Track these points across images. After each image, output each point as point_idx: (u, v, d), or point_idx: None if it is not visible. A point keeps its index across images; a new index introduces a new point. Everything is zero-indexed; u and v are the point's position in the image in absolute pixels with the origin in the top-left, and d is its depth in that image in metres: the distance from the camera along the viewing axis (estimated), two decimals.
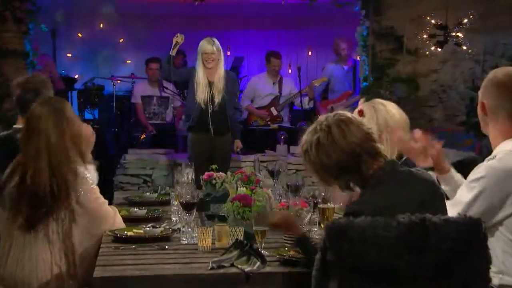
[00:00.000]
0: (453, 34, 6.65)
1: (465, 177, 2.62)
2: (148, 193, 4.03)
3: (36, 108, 2.90)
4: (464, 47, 6.76)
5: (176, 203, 3.25)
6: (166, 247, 2.77)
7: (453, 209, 2.38)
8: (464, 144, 6.83)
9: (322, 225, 2.97)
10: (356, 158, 2.21)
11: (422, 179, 2.25)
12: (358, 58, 7.61)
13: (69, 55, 9.83)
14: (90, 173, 2.93)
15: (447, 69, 7.23)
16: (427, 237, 1.95)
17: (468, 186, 2.41)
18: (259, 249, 2.53)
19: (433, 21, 6.75)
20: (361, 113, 3.07)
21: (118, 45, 9.99)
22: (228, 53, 9.95)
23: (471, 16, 6.65)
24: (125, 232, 2.90)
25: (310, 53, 10.33)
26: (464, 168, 2.70)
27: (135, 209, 3.45)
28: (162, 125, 7.68)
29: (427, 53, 6.95)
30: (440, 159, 2.69)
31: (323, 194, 3.05)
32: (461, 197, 2.42)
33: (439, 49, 6.76)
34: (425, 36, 6.78)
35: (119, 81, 8.66)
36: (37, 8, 6.95)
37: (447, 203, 2.36)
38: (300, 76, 7.43)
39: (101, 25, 9.91)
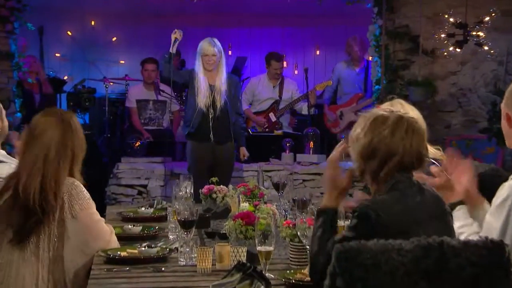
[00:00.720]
0: (473, 33, 6.63)
1: (486, 193, 2.61)
2: (143, 208, 4.04)
3: (40, 118, 2.95)
4: (486, 47, 6.75)
5: (173, 219, 3.26)
6: (163, 269, 2.77)
7: None
8: (486, 153, 6.82)
9: None
10: (387, 159, 2.30)
11: (431, 193, 2.37)
12: (370, 59, 7.61)
13: (57, 55, 9.87)
14: None
15: (467, 71, 7.23)
16: (446, 262, 1.95)
17: (496, 211, 2.38)
18: (263, 272, 2.53)
19: (451, 19, 6.75)
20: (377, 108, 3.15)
21: (111, 44, 10.04)
22: (230, 52, 10.00)
23: (493, 14, 6.64)
24: (118, 253, 2.91)
25: (318, 52, 10.35)
26: (486, 183, 2.68)
27: (129, 226, 3.46)
28: (158, 131, 7.68)
29: (445, 54, 6.94)
30: (471, 192, 2.64)
31: None
32: (491, 224, 2.38)
33: (458, 50, 6.75)
34: (442, 35, 6.77)
35: (111, 83, 8.68)
36: (22, 5, 6.96)
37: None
38: (307, 78, 7.42)
39: (93, 23, 9.96)
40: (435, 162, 3.04)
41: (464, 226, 2.54)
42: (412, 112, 3.14)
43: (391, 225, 2.18)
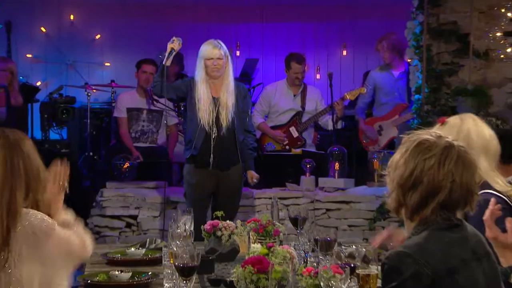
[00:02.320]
0: None
1: None
2: (133, 249, 4.07)
3: None
4: None
5: (170, 263, 3.29)
6: None
7: None
8: None
9: None
10: (430, 194, 2.33)
11: (474, 232, 2.43)
12: (409, 61, 7.62)
13: (28, 56, 9.95)
14: None
15: None
16: None
17: None
18: None
19: (509, 14, 6.76)
20: (442, 121, 3.25)
21: (94, 43, 10.10)
22: (238, 53, 10.06)
23: None
24: None
25: (345, 53, 10.37)
26: None
27: (116, 272, 3.48)
28: (151, 149, 7.73)
29: (502, 56, 6.95)
30: None
31: (364, 251, 3.06)
32: None
33: None
34: (498, 34, 6.79)
35: (94, 91, 8.73)
36: None
37: None
38: (332, 85, 7.43)
39: (71, 17, 10.03)
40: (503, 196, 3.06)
41: None
42: (486, 131, 3.22)
43: (435, 270, 2.23)
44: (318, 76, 10.11)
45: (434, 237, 2.31)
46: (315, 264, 3.52)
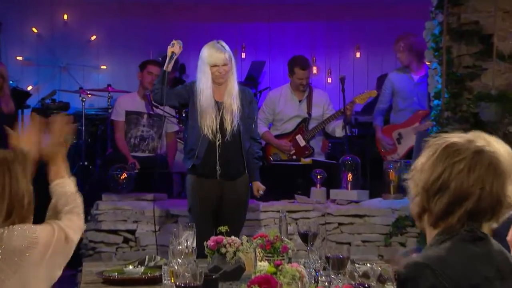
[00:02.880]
0: None
1: None
2: (131, 267, 4.07)
3: None
4: None
5: (170, 283, 3.28)
6: None
7: None
8: None
9: None
10: (458, 201, 2.32)
11: (500, 249, 2.40)
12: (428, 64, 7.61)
13: (19, 58, 9.98)
14: None
15: None
16: None
17: None
18: None
19: None
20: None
21: (89, 44, 10.13)
22: (243, 55, 10.08)
23: None
24: None
25: (358, 55, 10.38)
26: None
27: None
28: (151, 159, 7.72)
29: None
30: None
31: (380, 269, 3.06)
32: None
33: None
34: None
35: (90, 96, 8.75)
36: None
37: None
38: (344, 90, 7.42)
39: (65, 17, 10.06)
40: None
41: None
42: (503, 150, 3.15)
43: (455, 285, 2.23)
44: (329, 80, 10.13)
45: (456, 249, 2.30)
46: (326, 284, 3.52)
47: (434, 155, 2.37)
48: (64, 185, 3.23)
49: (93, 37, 10.14)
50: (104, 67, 10.15)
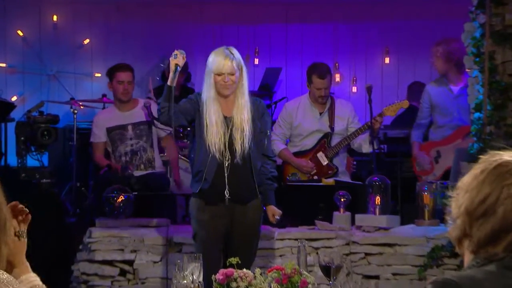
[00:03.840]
0: None
1: None
2: None
3: None
4: None
5: None
6: None
7: None
8: None
9: None
10: (504, 229, 2.29)
11: None
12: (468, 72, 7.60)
13: (2, 65, 10.04)
14: None
15: None
16: None
17: None
18: None
19: None
20: None
21: (82, 49, 10.19)
22: (256, 61, 10.10)
23: None
24: None
25: (387, 60, 10.39)
26: None
27: None
28: (149, 177, 7.74)
29: None
30: None
31: None
32: None
33: None
34: None
35: (82, 107, 8.79)
36: None
37: None
38: (372, 100, 7.41)
39: (55, 18, 10.11)
40: None
41: None
42: None
43: None
44: (354, 89, 10.15)
45: (495, 274, 2.26)
46: None
47: (482, 174, 2.33)
48: (31, 280, 3.17)
49: (86, 41, 10.20)
50: (98, 75, 10.18)
